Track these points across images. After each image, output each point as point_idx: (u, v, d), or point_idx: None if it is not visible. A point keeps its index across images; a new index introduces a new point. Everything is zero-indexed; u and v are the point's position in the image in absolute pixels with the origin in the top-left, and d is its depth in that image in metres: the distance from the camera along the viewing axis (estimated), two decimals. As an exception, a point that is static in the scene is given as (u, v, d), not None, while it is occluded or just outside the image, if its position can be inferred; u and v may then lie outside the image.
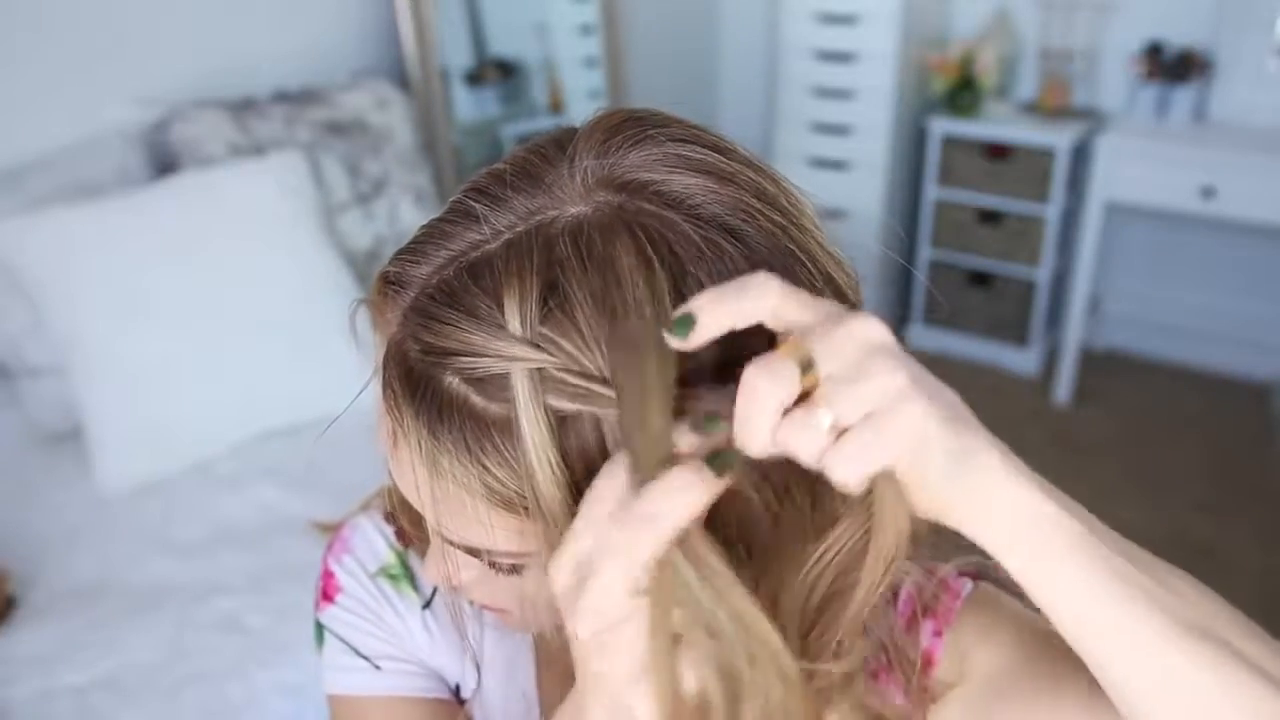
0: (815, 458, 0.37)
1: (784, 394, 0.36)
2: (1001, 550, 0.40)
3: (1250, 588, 2.23)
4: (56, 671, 1.29)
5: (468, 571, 0.50)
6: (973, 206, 3.01)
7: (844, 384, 0.37)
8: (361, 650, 0.65)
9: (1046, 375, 3.09)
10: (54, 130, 1.83)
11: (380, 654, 0.65)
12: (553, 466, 0.40)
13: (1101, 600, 0.39)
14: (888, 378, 0.37)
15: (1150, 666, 0.39)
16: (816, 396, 0.37)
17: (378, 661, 0.64)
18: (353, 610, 0.65)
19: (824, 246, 0.46)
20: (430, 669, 0.66)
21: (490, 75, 2.57)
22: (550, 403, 0.40)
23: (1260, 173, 2.53)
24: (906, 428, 0.37)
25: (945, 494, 0.39)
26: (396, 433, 0.44)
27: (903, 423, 0.37)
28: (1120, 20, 2.88)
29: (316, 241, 1.84)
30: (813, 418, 0.37)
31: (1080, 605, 0.39)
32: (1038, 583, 0.40)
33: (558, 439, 0.40)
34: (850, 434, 0.37)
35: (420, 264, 0.44)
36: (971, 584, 0.57)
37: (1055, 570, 0.39)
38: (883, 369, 0.37)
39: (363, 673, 0.65)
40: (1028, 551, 0.39)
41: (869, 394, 0.37)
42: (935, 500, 0.39)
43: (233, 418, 1.70)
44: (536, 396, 0.40)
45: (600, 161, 0.43)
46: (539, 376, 0.40)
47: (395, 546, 0.66)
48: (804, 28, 2.97)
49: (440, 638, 0.65)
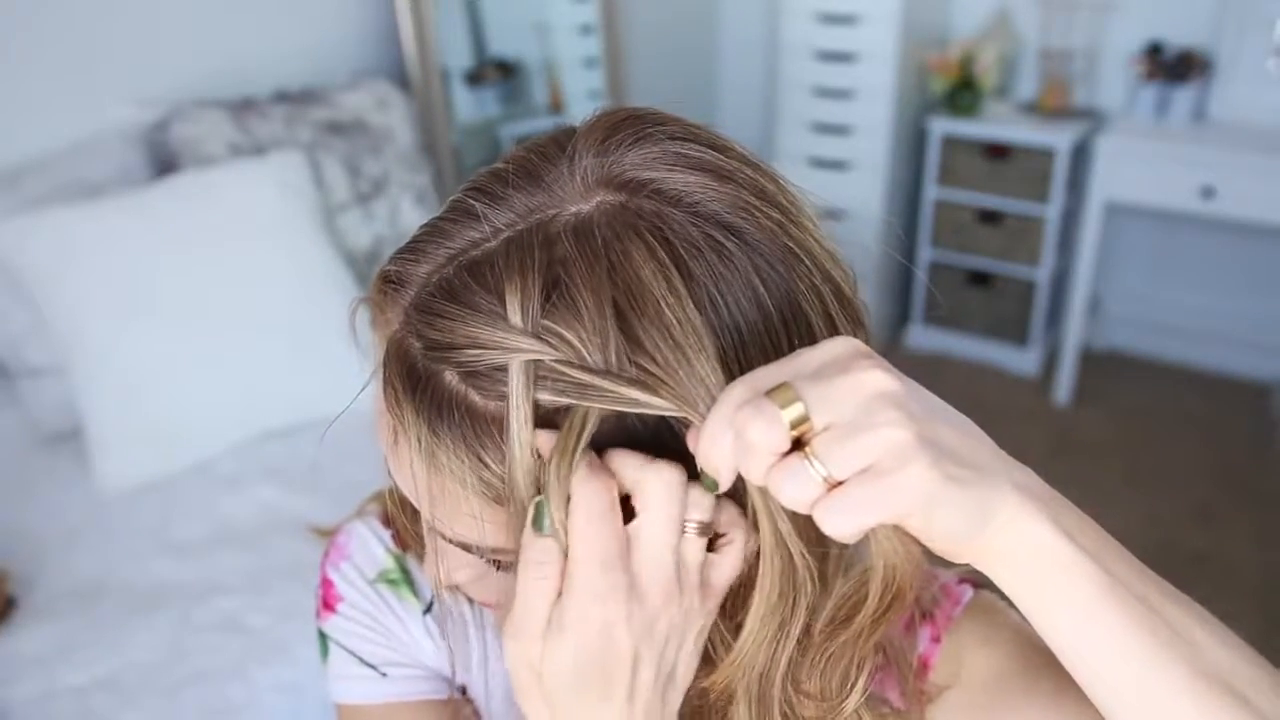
0: (805, 506, 0.36)
1: (770, 444, 0.36)
2: (1018, 594, 0.39)
3: (1250, 588, 2.23)
4: (56, 671, 1.29)
5: (466, 569, 0.50)
6: (973, 206, 3.01)
7: (840, 437, 0.36)
8: (366, 658, 0.65)
9: (1046, 375, 3.09)
10: (54, 130, 1.83)
11: (385, 660, 0.65)
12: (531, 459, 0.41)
13: (1120, 654, 0.38)
14: (888, 431, 0.36)
15: (1159, 716, 0.39)
16: (811, 447, 0.36)
17: (383, 669, 0.65)
18: (354, 619, 0.65)
19: (822, 244, 0.46)
20: (433, 670, 0.66)
21: (490, 75, 2.57)
22: (541, 397, 0.40)
23: (1260, 173, 2.53)
24: (906, 488, 0.36)
25: (955, 547, 0.38)
26: (396, 429, 0.44)
27: (902, 482, 0.36)
28: (1120, 20, 2.88)
29: (316, 241, 1.84)
30: (804, 469, 0.36)
31: (1098, 658, 0.39)
32: (1054, 628, 0.40)
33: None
34: (844, 488, 0.36)
35: (420, 262, 0.44)
36: (972, 591, 0.57)
37: (1074, 620, 0.39)
38: (883, 422, 0.36)
39: (369, 680, 0.65)
40: (1045, 598, 0.39)
41: (867, 448, 0.36)
42: (945, 548, 0.39)
43: (233, 418, 1.70)
44: (528, 390, 0.40)
45: (600, 160, 0.44)
46: (534, 370, 0.40)
47: (393, 550, 0.66)
48: (804, 28, 2.97)
49: (442, 640, 0.65)
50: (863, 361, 0.37)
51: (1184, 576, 0.43)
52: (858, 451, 0.36)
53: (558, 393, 0.40)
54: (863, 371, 0.37)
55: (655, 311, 0.40)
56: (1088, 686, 0.40)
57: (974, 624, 0.56)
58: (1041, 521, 0.38)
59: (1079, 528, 0.39)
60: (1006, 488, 0.38)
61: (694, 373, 0.40)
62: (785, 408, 0.36)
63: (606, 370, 0.40)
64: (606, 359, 0.40)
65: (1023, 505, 0.38)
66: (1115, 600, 0.38)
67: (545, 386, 0.40)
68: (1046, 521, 0.38)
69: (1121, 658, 0.38)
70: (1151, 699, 0.38)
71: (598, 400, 0.40)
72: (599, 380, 0.39)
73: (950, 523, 0.37)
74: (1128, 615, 0.38)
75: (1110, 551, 0.39)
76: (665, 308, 0.40)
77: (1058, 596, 0.39)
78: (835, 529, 0.36)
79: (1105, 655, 0.39)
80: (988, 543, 0.38)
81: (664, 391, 0.40)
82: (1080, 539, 0.39)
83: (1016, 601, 0.40)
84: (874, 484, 0.35)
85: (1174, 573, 0.42)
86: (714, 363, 0.40)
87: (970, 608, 0.56)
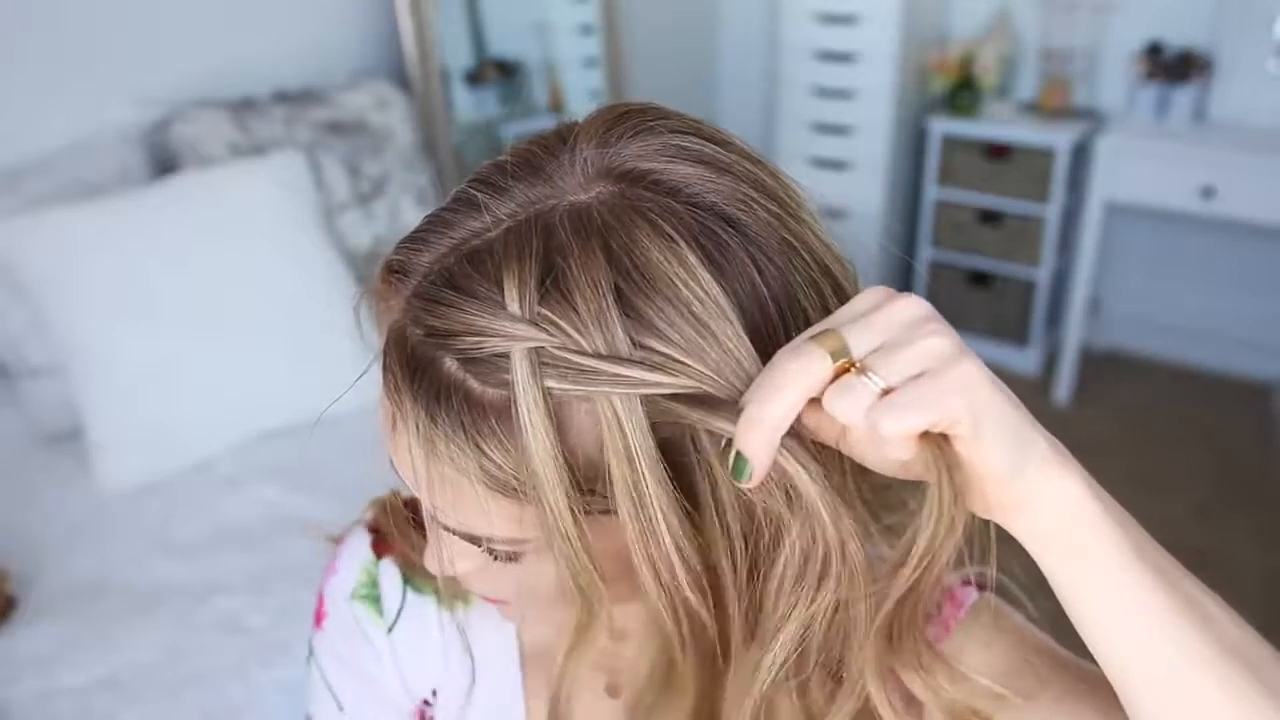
0: (861, 414, 0.37)
1: (811, 371, 0.37)
2: (1046, 550, 0.40)
3: (1250, 588, 2.23)
4: (56, 671, 1.29)
5: (467, 561, 0.50)
6: (973, 206, 3.01)
7: (889, 351, 0.37)
8: (332, 685, 0.65)
9: (1046, 375, 3.09)
10: (54, 130, 1.83)
11: (348, 692, 0.65)
12: (550, 447, 0.40)
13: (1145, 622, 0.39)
14: (936, 340, 0.37)
15: (1182, 689, 0.39)
16: (862, 363, 0.37)
17: (341, 700, 0.65)
18: (332, 640, 0.65)
19: (821, 238, 0.46)
20: (390, 699, 0.65)
21: (490, 75, 2.57)
22: (549, 385, 0.40)
23: (1260, 173, 2.53)
24: (958, 385, 0.37)
25: (995, 487, 0.38)
26: (396, 417, 0.44)
27: (954, 379, 0.37)
28: (1120, 20, 2.88)
29: (316, 241, 1.84)
30: (861, 381, 0.37)
31: (1123, 626, 0.39)
32: (1079, 589, 0.40)
33: (555, 421, 0.40)
34: (898, 390, 0.37)
35: (423, 252, 0.44)
36: (976, 593, 0.57)
37: (1101, 584, 0.39)
38: (931, 333, 0.37)
39: (329, 706, 0.65)
40: (1075, 558, 0.39)
41: (918, 357, 0.37)
42: (986, 487, 0.38)
43: (233, 418, 1.70)
44: (535, 378, 0.40)
45: (600, 151, 0.44)
46: (538, 358, 0.40)
47: (367, 563, 0.65)
48: (804, 28, 2.97)
49: (409, 651, 0.65)
50: (896, 296, 0.39)
51: (1184, 576, 0.43)
52: (909, 359, 0.37)
53: (563, 379, 0.40)
54: (898, 300, 0.38)
55: (668, 288, 0.40)
56: (1105, 655, 0.40)
57: (977, 626, 0.55)
58: (1075, 477, 0.39)
59: (1103, 493, 0.40)
60: (1039, 436, 0.39)
61: (720, 345, 0.40)
62: (824, 345, 0.37)
63: (609, 355, 0.40)
64: (609, 342, 0.40)
65: (1057, 456, 0.39)
66: (1142, 567, 0.39)
67: (550, 374, 0.40)
68: (1079, 478, 0.39)
69: (1146, 623, 0.39)
70: (1173, 670, 0.38)
71: (605, 385, 0.39)
72: (600, 365, 0.39)
73: (995, 444, 0.37)
74: (1153, 581, 0.39)
75: (1130, 521, 0.40)
76: (679, 284, 0.40)
77: (1087, 558, 0.39)
78: (893, 426, 0.36)
79: (1129, 620, 0.39)
80: (1023, 488, 0.38)
81: (677, 369, 0.40)
82: (1106, 502, 0.39)
83: (1040, 557, 0.40)
84: (928, 382, 0.37)
85: (1174, 572, 0.42)
86: (741, 334, 0.40)
87: (974, 610, 0.56)
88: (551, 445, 0.40)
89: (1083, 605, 0.40)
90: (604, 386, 0.40)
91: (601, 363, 0.39)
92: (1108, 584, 0.39)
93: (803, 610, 0.42)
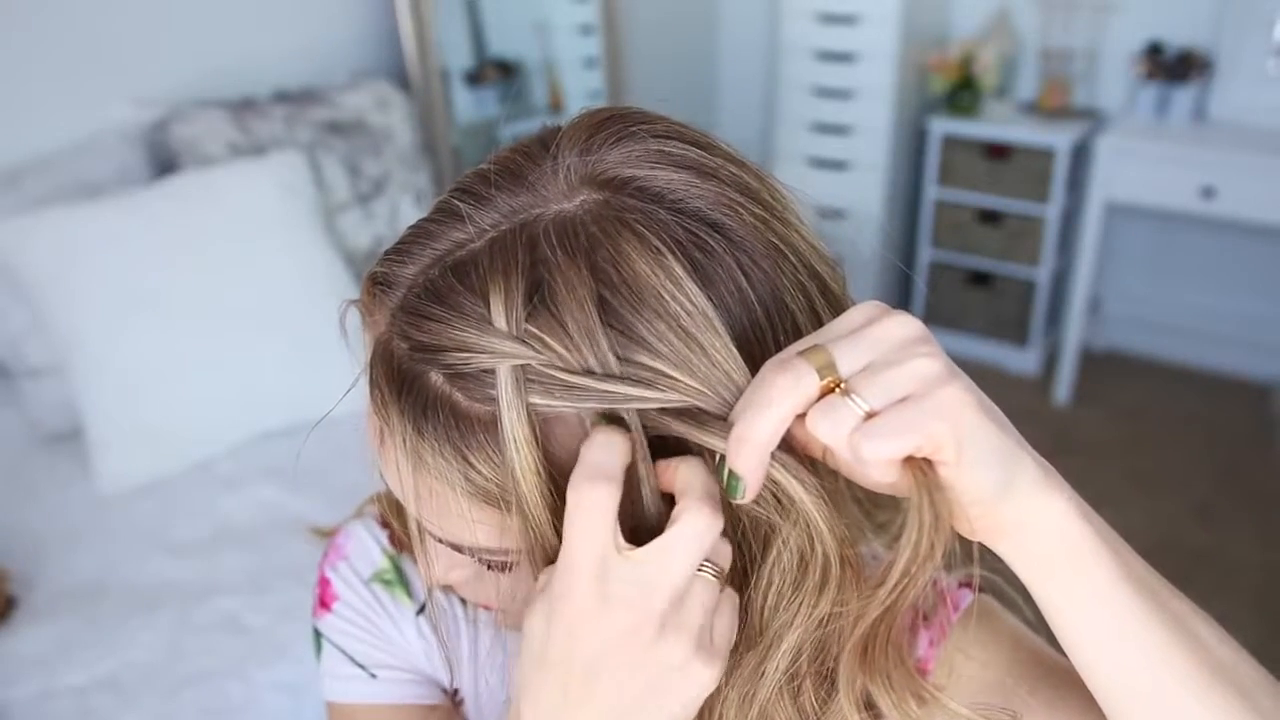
0: (843, 439, 0.36)
1: (798, 388, 0.36)
2: (1033, 572, 0.39)
3: (1250, 588, 2.23)
4: (56, 671, 1.29)
5: (458, 570, 0.50)
6: (973, 206, 3.01)
7: (875, 372, 0.37)
8: (357, 658, 0.65)
9: (1046, 375, 3.09)
10: (54, 130, 1.83)
11: (376, 662, 0.65)
12: (534, 463, 0.40)
13: (1132, 642, 0.38)
14: (924, 362, 0.37)
15: (1166, 709, 0.39)
16: (847, 384, 0.37)
17: (373, 670, 0.65)
18: (349, 619, 0.65)
19: (807, 239, 0.45)
20: (425, 675, 0.66)
21: (490, 75, 2.57)
22: (533, 401, 0.40)
23: (1260, 173, 2.53)
24: (942, 409, 0.36)
25: (980, 508, 0.38)
26: (383, 430, 0.44)
27: (938, 403, 0.36)
28: (1120, 20, 2.88)
29: (316, 241, 1.84)
30: (845, 403, 0.36)
31: (1109, 645, 0.39)
32: (1066, 612, 0.40)
33: (539, 436, 0.40)
34: (881, 414, 0.36)
35: (407, 264, 0.44)
36: (970, 595, 0.57)
37: (1088, 605, 0.39)
38: (919, 354, 0.37)
39: (359, 681, 0.65)
40: (1062, 579, 0.39)
41: (904, 379, 0.36)
42: (972, 509, 0.38)
43: (232, 418, 1.70)
44: (520, 394, 0.40)
45: (583, 159, 0.43)
46: (523, 374, 0.40)
47: (389, 551, 0.66)
48: (804, 28, 2.97)
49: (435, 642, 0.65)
50: (889, 313, 0.38)
51: (1184, 576, 0.44)
52: (893, 382, 0.36)
53: (549, 395, 0.40)
54: (889, 318, 0.38)
55: (656, 301, 0.40)
56: (1093, 677, 0.40)
57: (972, 629, 0.55)
58: (1062, 499, 0.38)
59: (1091, 514, 0.39)
60: (1028, 458, 0.38)
61: (709, 357, 0.40)
62: (812, 361, 0.37)
63: (595, 371, 0.39)
64: (596, 359, 0.39)
65: (1045, 478, 0.38)
66: (1130, 587, 0.38)
67: (536, 390, 0.40)
68: (1067, 499, 0.38)
69: (1133, 645, 0.38)
70: (1159, 689, 0.38)
71: (591, 401, 0.39)
72: (588, 381, 0.39)
73: (980, 468, 0.37)
74: (1140, 603, 0.38)
75: (1119, 541, 0.40)
76: (666, 297, 0.40)
77: (1075, 580, 0.38)
78: (873, 452, 0.36)
79: (1116, 642, 0.39)
80: (1010, 511, 0.38)
81: (665, 384, 0.39)
82: (1095, 523, 0.39)
83: (1028, 580, 0.40)
84: (912, 407, 0.36)
85: (1174, 572, 0.42)
86: (729, 346, 0.40)
87: (968, 613, 0.56)
88: (535, 460, 0.40)
89: (1069, 626, 0.40)
90: (591, 403, 0.39)
91: (588, 379, 0.39)
92: (1095, 605, 0.39)
93: (805, 616, 0.43)
